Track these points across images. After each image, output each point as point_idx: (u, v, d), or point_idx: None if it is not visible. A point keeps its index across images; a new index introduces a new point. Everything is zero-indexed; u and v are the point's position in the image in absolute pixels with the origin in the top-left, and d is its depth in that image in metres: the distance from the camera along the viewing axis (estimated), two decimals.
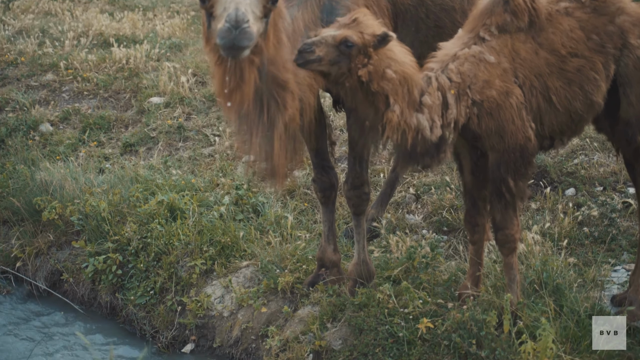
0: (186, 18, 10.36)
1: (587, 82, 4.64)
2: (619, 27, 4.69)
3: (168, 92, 8.37)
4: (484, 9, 4.63)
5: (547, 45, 4.60)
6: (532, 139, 4.60)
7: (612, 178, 6.54)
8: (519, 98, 4.53)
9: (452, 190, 6.55)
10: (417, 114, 4.40)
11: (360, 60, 4.24)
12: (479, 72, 4.48)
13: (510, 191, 4.63)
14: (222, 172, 7.16)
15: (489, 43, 4.55)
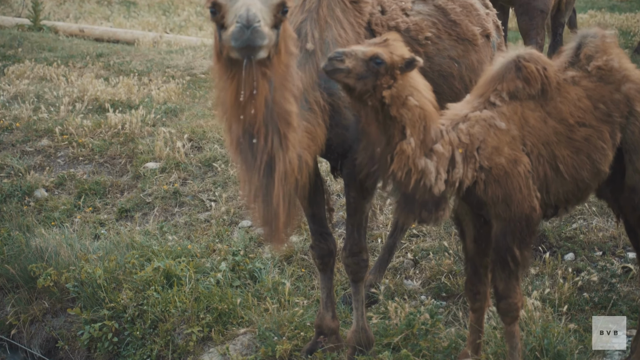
0: (181, 83, 10.38)
1: (595, 151, 4.63)
2: (625, 95, 4.70)
3: (164, 158, 8.35)
4: (495, 74, 4.62)
5: (555, 114, 4.59)
6: (537, 209, 4.58)
7: (611, 243, 6.52)
8: (527, 167, 4.51)
9: (451, 256, 6.51)
10: (426, 159, 4.37)
11: (386, 80, 4.23)
12: (488, 138, 4.46)
13: (515, 260, 4.59)
14: (219, 237, 7.13)
15: (499, 109, 4.54)
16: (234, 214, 7.51)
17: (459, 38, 5.39)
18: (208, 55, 11.78)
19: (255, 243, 7.03)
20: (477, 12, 5.57)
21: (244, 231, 7.17)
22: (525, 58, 4.63)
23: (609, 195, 4.97)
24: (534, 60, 4.63)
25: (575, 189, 4.69)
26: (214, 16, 4.12)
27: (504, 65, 4.65)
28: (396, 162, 4.35)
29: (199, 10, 16.30)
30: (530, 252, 4.68)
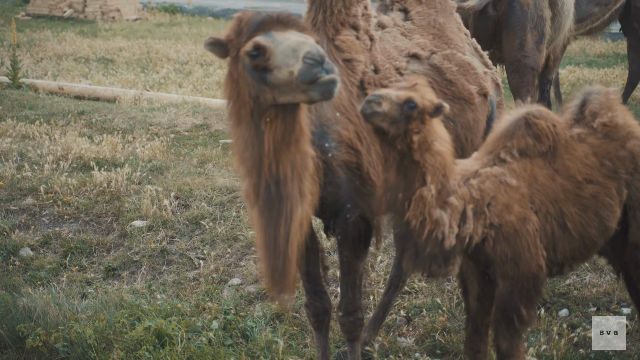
0: (166, 140, 10.35)
1: (603, 208, 4.65)
2: (630, 151, 4.73)
3: (150, 216, 8.31)
4: (505, 131, 4.64)
5: (563, 172, 4.60)
6: (544, 268, 4.58)
7: (605, 298, 6.51)
8: (535, 225, 4.52)
9: (444, 313, 6.49)
10: (441, 210, 4.36)
11: (416, 124, 4.22)
12: (499, 194, 4.46)
13: (522, 319, 4.59)
14: (208, 296, 7.07)
15: (510, 165, 4.55)
16: (223, 271, 7.47)
17: (454, 97, 5.41)
18: (191, 113, 11.78)
19: (245, 301, 6.98)
20: (475, 71, 5.59)
21: (234, 289, 7.13)
22: (535, 115, 4.65)
23: (610, 251, 4.98)
24: (544, 117, 4.66)
25: (582, 247, 4.69)
26: (254, 60, 4.09)
27: (513, 122, 4.67)
28: (413, 209, 4.33)
29: (177, 68, 16.36)
30: (535, 311, 4.68)
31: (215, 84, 14.80)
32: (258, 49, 4.09)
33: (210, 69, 16.20)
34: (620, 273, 5.09)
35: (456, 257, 4.51)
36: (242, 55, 4.15)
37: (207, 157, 9.86)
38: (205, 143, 10.55)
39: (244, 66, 4.16)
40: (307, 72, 4.01)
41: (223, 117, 11.77)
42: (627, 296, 6.38)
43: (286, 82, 4.08)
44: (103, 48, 18.97)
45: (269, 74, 4.09)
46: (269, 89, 4.12)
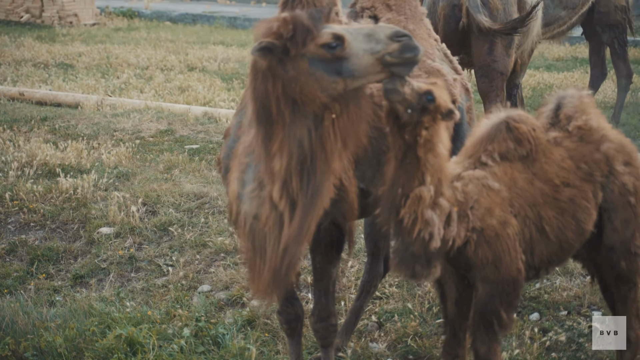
0: (131, 146, 10.28)
1: (580, 211, 4.69)
2: (605, 154, 4.77)
3: (118, 222, 8.25)
4: (485, 135, 4.66)
5: (541, 175, 4.64)
6: (523, 271, 4.61)
7: (575, 302, 6.56)
8: (515, 229, 4.55)
9: (416, 318, 6.49)
10: (432, 211, 4.37)
11: (428, 119, 4.22)
12: (481, 198, 4.49)
13: (501, 323, 4.61)
14: (178, 303, 7.02)
15: (491, 169, 4.58)
16: (192, 278, 7.43)
17: None
18: (155, 118, 11.73)
19: (216, 308, 6.94)
20: (444, 78, 5.59)
21: (204, 296, 7.09)
22: (515, 119, 4.69)
23: (585, 254, 5.01)
24: (524, 122, 4.69)
25: (559, 250, 4.73)
26: (333, 51, 4.18)
27: (493, 127, 4.69)
28: (409, 206, 4.34)
29: (138, 73, 16.25)
30: (514, 315, 4.71)
31: (177, 89, 14.73)
32: (338, 39, 4.18)
33: (171, 74, 16.12)
34: (595, 276, 5.13)
35: (439, 260, 4.52)
36: (313, 50, 4.20)
37: (173, 163, 9.82)
38: (170, 149, 10.51)
39: (312, 61, 4.20)
40: (408, 47, 4.18)
41: (188, 123, 11.75)
42: (597, 299, 6.45)
43: (367, 65, 4.20)
44: (62, 53, 18.82)
45: (345, 62, 4.19)
46: (342, 78, 4.20)
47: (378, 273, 6.31)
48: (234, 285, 7.22)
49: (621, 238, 4.87)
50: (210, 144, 10.80)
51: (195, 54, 18.94)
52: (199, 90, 14.53)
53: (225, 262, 7.59)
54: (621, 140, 4.92)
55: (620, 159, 4.84)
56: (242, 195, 4.74)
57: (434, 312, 6.59)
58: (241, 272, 7.33)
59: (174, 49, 19.73)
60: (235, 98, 13.96)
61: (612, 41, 12.10)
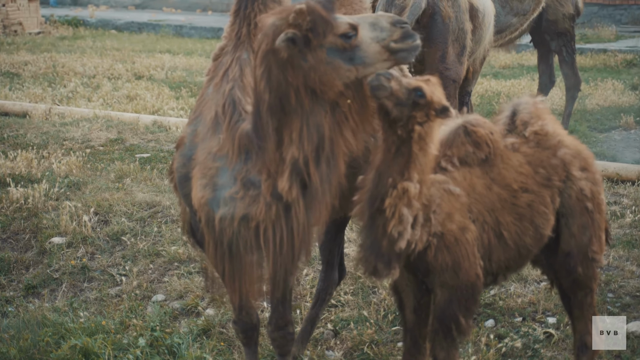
0: (81, 156, 10.19)
1: (538, 216, 4.72)
2: (562, 159, 4.81)
3: (70, 232, 8.17)
4: (444, 140, 4.68)
5: (499, 180, 4.67)
6: (481, 277, 4.63)
7: (530, 308, 6.59)
8: (474, 234, 4.57)
9: (372, 325, 6.50)
10: (407, 209, 4.39)
11: (421, 115, 4.25)
12: (443, 202, 4.51)
13: (460, 329, 4.63)
14: (132, 312, 6.96)
15: (451, 174, 4.60)
16: (146, 288, 7.37)
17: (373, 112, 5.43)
18: (105, 127, 11.65)
19: (170, 317, 6.89)
20: None
21: (158, 305, 7.03)
22: (473, 123, 4.72)
23: (544, 260, 5.04)
24: (481, 125, 4.72)
25: (517, 256, 4.76)
26: (349, 40, 4.34)
27: (452, 131, 4.72)
28: (393, 198, 4.36)
29: (85, 82, 16.12)
30: (472, 321, 4.73)
31: (125, 98, 14.62)
32: (354, 28, 4.35)
33: (118, 83, 16.02)
34: (554, 282, 5.16)
35: (399, 261, 4.52)
36: (331, 40, 4.33)
37: (124, 172, 9.74)
38: (121, 158, 10.43)
39: (330, 51, 4.34)
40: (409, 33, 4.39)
41: (138, 132, 11.67)
42: (552, 305, 6.49)
43: (375, 52, 4.37)
44: (7, 62, 18.62)
45: (357, 50, 4.35)
46: (355, 66, 4.35)
47: (333, 281, 6.30)
48: (189, 295, 7.18)
49: (578, 244, 4.91)
50: (161, 152, 10.74)
51: (142, 62, 18.84)
52: (147, 98, 14.45)
53: (179, 271, 7.54)
54: (577, 146, 4.97)
55: (577, 165, 4.88)
56: (217, 200, 4.73)
57: (389, 319, 6.60)
58: (195, 281, 7.29)
59: (120, 58, 19.62)
60: (184, 106, 13.89)
61: (561, 49, 12.20)
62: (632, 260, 7.13)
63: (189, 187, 4.94)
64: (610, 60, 18.70)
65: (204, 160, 4.79)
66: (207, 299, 7.06)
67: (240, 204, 4.65)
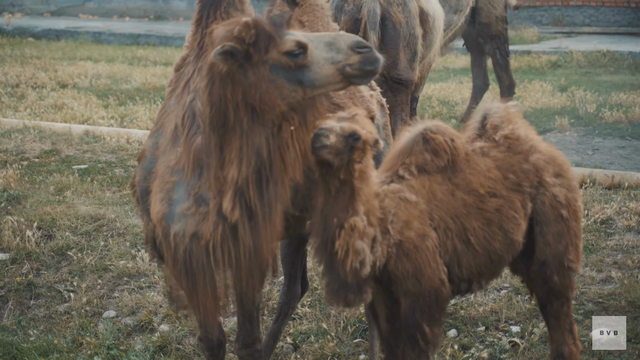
0: (18, 168, 9.90)
1: (507, 221, 4.68)
2: (534, 165, 4.77)
3: (13, 248, 7.93)
4: (403, 148, 4.64)
5: (464, 186, 4.62)
6: (446, 284, 4.57)
7: (492, 317, 6.55)
8: (434, 241, 4.53)
9: (333, 338, 6.40)
10: (361, 240, 4.34)
11: (358, 154, 4.21)
12: (399, 211, 4.47)
13: (425, 338, 4.57)
14: (84, 330, 6.78)
15: (408, 182, 4.55)
16: (96, 304, 7.19)
17: None
18: (38, 138, 11.38)
19: (123, 334, 6.73)
20: (361, 94, 5.54)
21: (111, 322, 6.86)
22: (432, 130, 4.68)
23: (524, 269, 5.00)
24: (441, 132, 4.68)
25: (488, 262, 4.71)
26: (296, 58, 4.16)
27: (411, 139, 4.68)
28: (343, 238, 4.30)
29: (9, 91, 15.74)
30: (440, 330, 4.67)
31: (52, 108, 14.29)
32: (301, 47, 4.17)
33: (43, 92, 15.66)
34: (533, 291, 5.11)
35: (369, 284, 4.48)
36: (275, 56, 4.17)
37: (64, 185, 9.48)
38: (58, 170, 10.16)
39: (273, 68, 4.18)
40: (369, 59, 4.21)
41: (72, 142, 11.42)
42: (514, 314, 6.47)
43: (327, 75, 4.21)
44: None
45: (307, 70, 4.19)
46: (302, 87, 4.21)
47: (295, 294, 6.19)
48: (141, 310, 7.02)
49: (553, 252, 4.86)
50: (98, 163, 10.50)
51: (65, 70, 18.47)
52: (75, 108, 14.15)
53: (129, 286, 7.37)
54: (552, 152, 4.92)
55: (551, 171, 4.83)
56: (172, 215, 4.61)
57: (350, 331, 6.52)
58: (147, 296, 7.14)
59: (41, 66, 19.22)
60: (114, 115, 13.65)
61: (494, 52, 12.26)
62: (591, 266, 7.13)
63: (149, 201, 4.81)
64: (535, 62, 18.86)
65: (163, 174, 4.68)
66: (161, 314, 6.91)
67: (191, 221, 4.54)
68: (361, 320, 6.60)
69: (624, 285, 6.69)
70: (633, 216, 7.96)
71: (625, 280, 6.74)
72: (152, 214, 4.74)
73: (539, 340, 6.16)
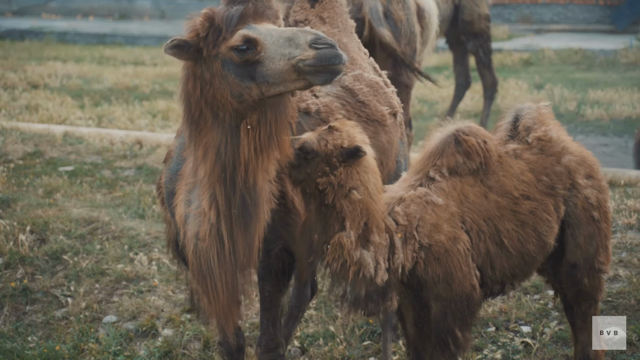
0: (4, 171, 9.72)
1: (541, 224, 4.61)
2: (566, 167, 4.70)
3: (6, 252, 7.76)
4: (435, 149, 4.56)
5: (498, 188, 4.55)
6: (477, 288, 4.50)
7: (502, 317, 6.48)
8: (466, 244, 4.46)
9: (342, 341, 6.30)
10: (362, 250, 4.24)
11: (320, 168, 4.13)
12: (425, 215, 4.39)
13: (457, 342, 4.51)
14: (84, 335, 6.62)
15: (438, 184, 4.48)
16: (95, 309, 7.03)
17: (368, 119, 5.23)
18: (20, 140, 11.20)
19: (125, 339, 6.59)
20: (384, 91, 5.46)
21: (113, 327, 6.71)
22: (464, 132, 4.60)
23: (550, 270, 4.93)
24: (474, 134, 4.60)
25: (521, 263, 4.64)
26: (244, 54, 3.99)
27: (442, 140, 4.61)
28: (332, 253, 4.23)
29: None
30: (471, 334, 4.60)
31: (25, 108, 14.09)
32: (248, 42, 4.00)
33: (15, 93, 15.44)
34: (558, 292, 5.05)
35: (393, 291, 4.42)
36: (224, 52, 4.02)
37: (53, 187, 9.31)
38: (45, 172, 9.96)
39: (224, 64, 4.04)
40: (325, 56, 3.97)
41: (55, 144, 11.24)
42: (523, 314, 6.40)
43: (282, 72, 4.01)
44: None
45: (260, 67, 4.01)
46: (257, 84, 4.03)
47: (306, 297, 6.10)
48: (142, 315, 6.88)
49: (584, 255, 4.80)
50: (85, 165, 10.33)
51: (34, 70, 18.26)
52: (50, 108, 13.95)
53: (128, 290, 7.22)
54: (582, 153, 4.86)
55: (582, 172, 4.77)
56: (188, 216, 4.51)
57: (357, 334, 6.42)
58: (147, 300, 7.00)
59: (9, 66, 18.98)
60: (91, 116, 13.49)
61: (477, 49, 12.22)
62: None
63: (174, 203, 4.70)
64: (507, 60, 18.92)
65: (187, 175, 4.57)
66: (164, 318, 6.78)
67: (196, 221, 4.44)
68: (369, 323, 6.51)
69: (632, 283, 6.65)
70: (632, 214, 7.93)
71: (633, 279, 6.70)
72: (176, 216, 4.63)
73: (550, 340, 6.11)
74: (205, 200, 4.29)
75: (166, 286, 7.18)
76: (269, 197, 4.40)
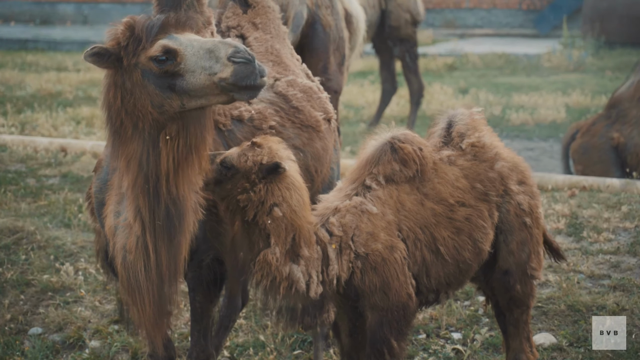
0: None
1: (476, 230, 4.61)
2: (499, 173, 4.71)
3: None
4: (370, 157, 4.53)
5: (433, 195, 4.53)
6: (413, 297, 4.48)
7: (432, 324, 6.48)
8: (403, 253, 4.44)
9: (272, 351, 6.24)
10: (292, 264, 4.21)
11: (241, 184, 4.09)
12: (362, 224, 4.36)
13: (393, 352, 4.48)
14: (9, 348, 6.47)
15: (374, 192, 4.45)
16: (20, 321, 6.87)
17: (302, 125, 5.19)
18: None
19: (52, 352, 6.45)
20: (318, 96, 5.43)
21: (39, 339, 6.56)
22: (400, 139, 4.58)
23: (482, 277, 4.93)
24: (410, 141, 4.58)
25: (457, 271, 4.64)
26: (163, 65, 3.90)
27: (378, 148, 4.58)
28: (259, 271, 4.19)
29: None
30: (406, 344, 4.58)
31: None
32: (168, 52, 3.92)
33: None
34: (490, 298, 5.05)
35: (329, 303, 4.38)
36: (143, 61, 3.95)
37: None
38: None
39: (144, 74, 3.96)
40: (243, 72, 3.90)
41: None
42: (454, 321, 6.41)
43: (203, 86, 3.93)
44: None
45: (180, 79, 3.93)
46: (177, 95, 3.95)
47: (237, 307, 6.02)
48: (69, 326, 6.73)
49: (517, 261, 4.80)
50: (8, 173, 10.14)
51: None
52: None
53: (54, 301, 7.07)
54: (514, 159, 4.87)
55: (515, 178, 4.78)
56: (117, 227, 4.42)
57: (287, 343, 6.36)
58: (74, 311, 6.86)
59: None
60: (14, 123, 13.25)
61: (404, 55, 12.29)
62: None
63: (104, 213, 4.61)
64: (431, 64, 19.04)
65: (116, 186, 4.49)
66: (90, 329, 6.65)
67: (122, 234, 4.38)
68: (299, 332, 6.45)
69: (562, 288, 6.69)
70: (560, 218, 7.98)
71: (563, 284, 6.74)
72: (106, 227, 4.54)
73: (481, 346, 6.11)
74: (131, 212, 4.23)
75: (93, 297, 7.05)
76: (196, 207, 4.33)
